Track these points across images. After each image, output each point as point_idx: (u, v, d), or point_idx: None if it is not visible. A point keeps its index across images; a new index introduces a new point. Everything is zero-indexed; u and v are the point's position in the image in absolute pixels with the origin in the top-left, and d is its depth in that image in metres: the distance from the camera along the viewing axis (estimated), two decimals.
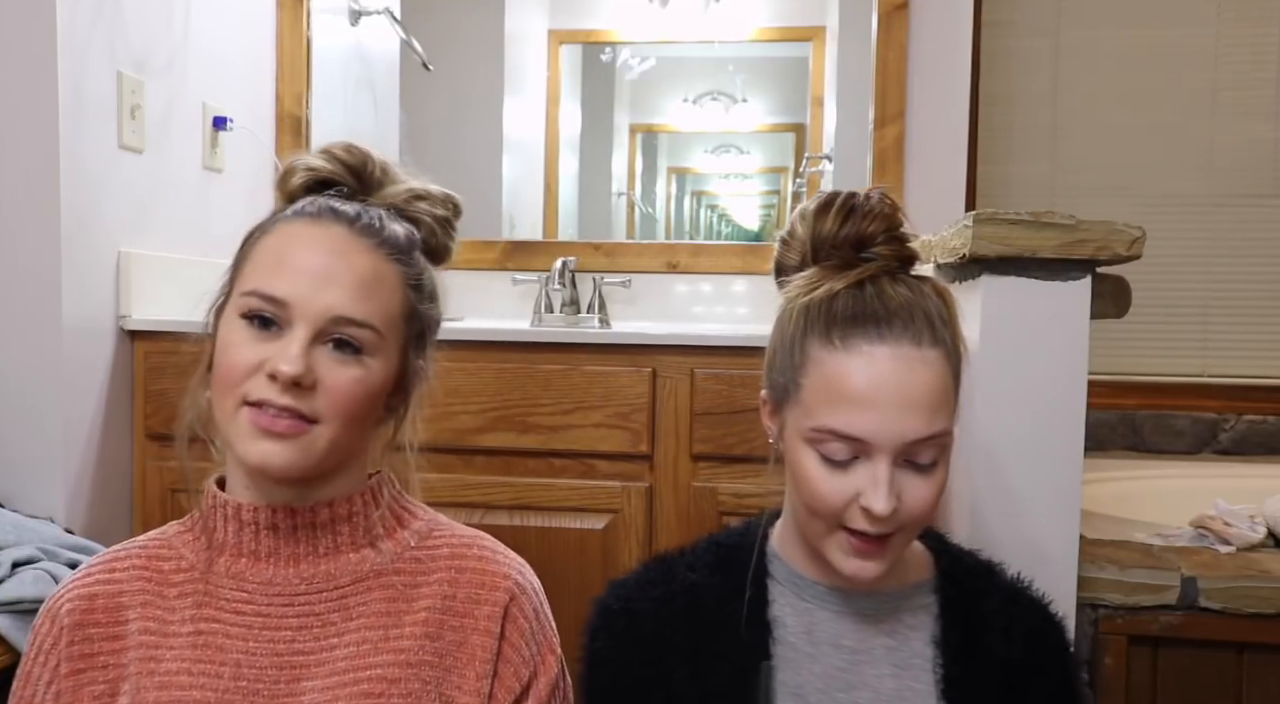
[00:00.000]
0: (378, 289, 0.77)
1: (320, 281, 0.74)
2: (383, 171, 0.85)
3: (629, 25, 2.20)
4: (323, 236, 0.77)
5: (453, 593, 0.81)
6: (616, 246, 2.12)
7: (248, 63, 2.04)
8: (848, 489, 0.78)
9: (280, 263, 0.76)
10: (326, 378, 0.74)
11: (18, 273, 1.51)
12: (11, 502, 1.51)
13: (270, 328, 0.75)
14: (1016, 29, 2.33)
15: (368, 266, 0.77)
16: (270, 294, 0.74)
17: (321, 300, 0.74)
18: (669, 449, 1.56)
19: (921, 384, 0.76)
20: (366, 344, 0.76)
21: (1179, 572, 1.37)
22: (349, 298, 0.75)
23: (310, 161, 0.84)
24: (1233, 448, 2.26)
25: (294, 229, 0.78)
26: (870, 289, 0.79)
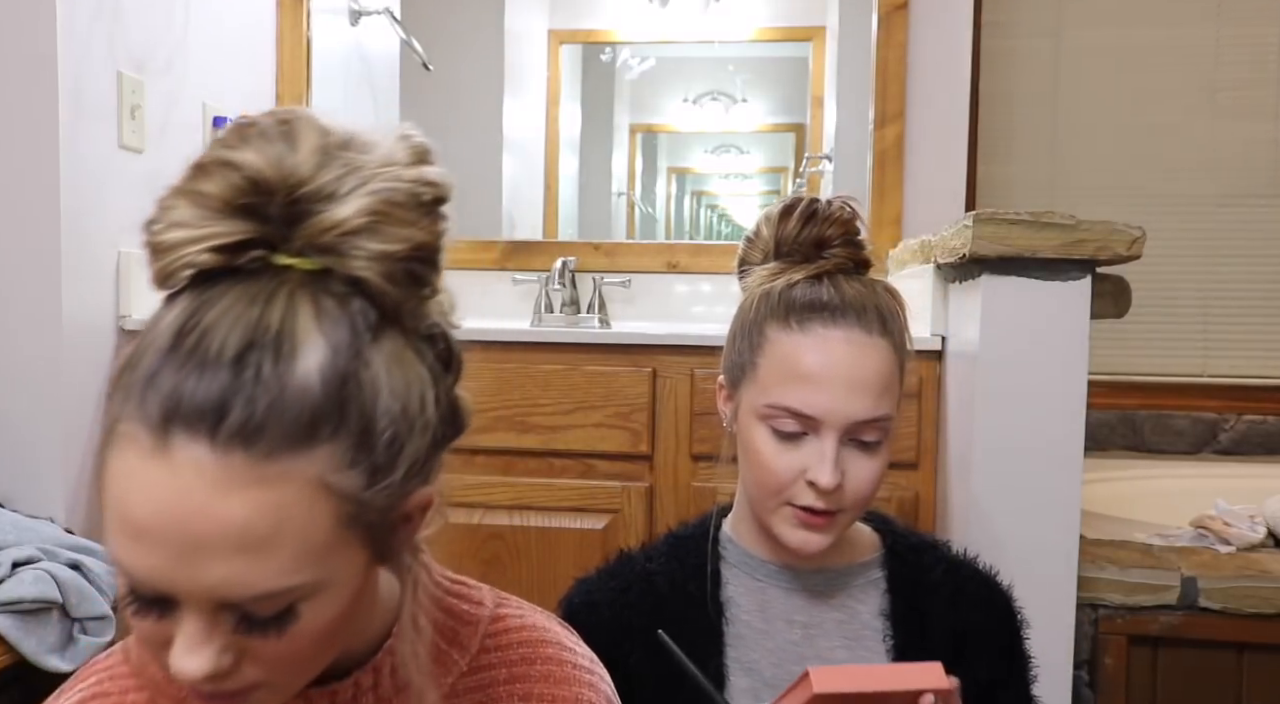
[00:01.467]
0: (270, 545, 0.47)
1: (185, 560, 0.46)
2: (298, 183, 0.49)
3: (629, 25, 2.20)
4: (163, 484, 0.46)
5: None
6: (616, 246, 2.12)
7: (248, 63, 2.04)
8: (796, 464, 0.82)
9: (125, 525, 0.47)
10: (259, 650, 0.50)
11: (18, 273, 1.51)
12: (11, 502, 1.51)
13: (159, 606, 0.49)
14: (1016, 29, 2.33)
15: (242, 515, 0.46)
16: (135, 577, 0.48)
17: (196, 586, 0.47)
18: (669, 449, 1.56)
19: (870, 368, 0.82)
20: (297, 604, 0.49)
21: (1179, 572, 1.37)
22: (239, 575, 0.47)
23: (192, 237, 0.49)
24: (1233, 448, 2.26)
25: (130, 462, 0.47)
26: (827, 282, 0.85)
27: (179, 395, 0.46)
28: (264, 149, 0.49)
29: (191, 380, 0.46)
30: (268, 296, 0.48)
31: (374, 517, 0.50)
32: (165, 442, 0.46)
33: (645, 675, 0.77)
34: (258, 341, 0.46)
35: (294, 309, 0.48)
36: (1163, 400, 2.30)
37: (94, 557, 1.41)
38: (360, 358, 0.49)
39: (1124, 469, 2.11)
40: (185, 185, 0.51)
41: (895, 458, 1.44)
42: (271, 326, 0.47)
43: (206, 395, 0.45)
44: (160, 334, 0.48)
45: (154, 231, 0.51)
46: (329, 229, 0.49)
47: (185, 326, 0.47)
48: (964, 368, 1.39)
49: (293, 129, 0.50)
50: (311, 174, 0.49)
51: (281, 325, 0.47)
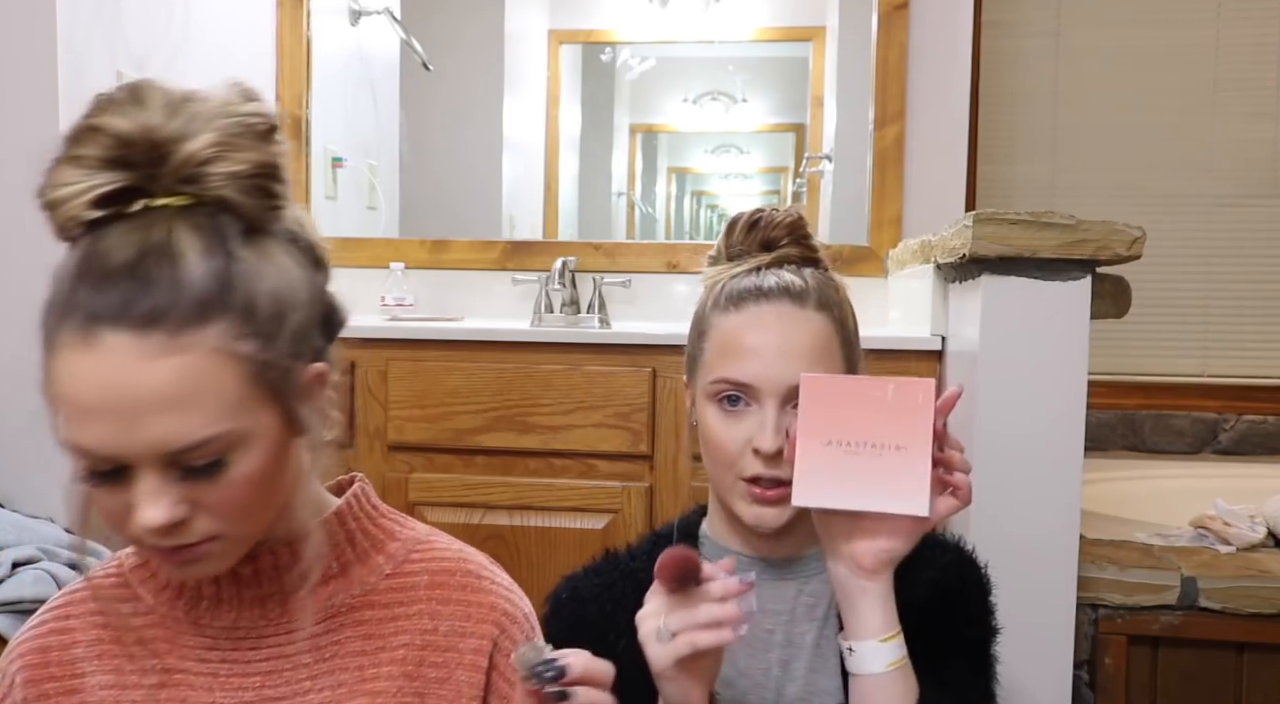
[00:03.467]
0: (192, 401, 0.59)
1: (127, 425, 0.59)
2: (153, 132, 0.61)
3: (629, 25, 2.20)
4: (99, 367, 0.59)
5: (434, 626, 0.74)
6: (616, 246, 2.12)
7: (248, 63, 2.04)
8: (741, 435, 0.86)
9: (75, 410, 0.61)
10: (205, 498, 0.62)
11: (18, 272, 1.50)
12: (11, 502, 1.51)
13: (115, 476, 0.62)
14: (1016, 29, 2.33)
15: (165, 380, 0.58)
16: (87, 448, 0.61)
17: (141, 445, 0.59)
18: (669, 449, 1.56)
19: (801, 335, 0.87)
20: (223, 457, 0.61)
21: (1179, 572, 1.37)
22: (172, 428, 0.59)
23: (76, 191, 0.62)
24: (1233, 448, 2.27)
25: (68, 360, 0.61)
26: (766, 271, 0.91)
27: (96, 301, 0.59)
28: (122, 112, 0.62)
29: (104, 287, 0.59)
30: (149, 225, 0.60)
31: (274, 376, 0.62)
32: (94, 336, 0.59)
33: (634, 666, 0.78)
34: (148, 253, 0.59)
35: (173, 228, 0.60)
36: (1163, 400, 2.31)
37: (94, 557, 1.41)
38: (232, 256, 0.61)
39: (1124, 469, 2.11)
40: (63, 154, 0.63)
41: None
42: (157, 241, 0.60)
43: (118, 296, 0.58)
44: (68, 266, 0.61)
45: (44, 194, 0.63)
46: (185, 163, 0.61)
47: (88, 255, 0.60)
48: (964, 368, 1.39)
49: (141, 93, 0.63)
50: (164, 123, 0.61)
51: (166, 238, 0.60)
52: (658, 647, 0.73)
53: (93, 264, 0.60)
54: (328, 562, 0.73)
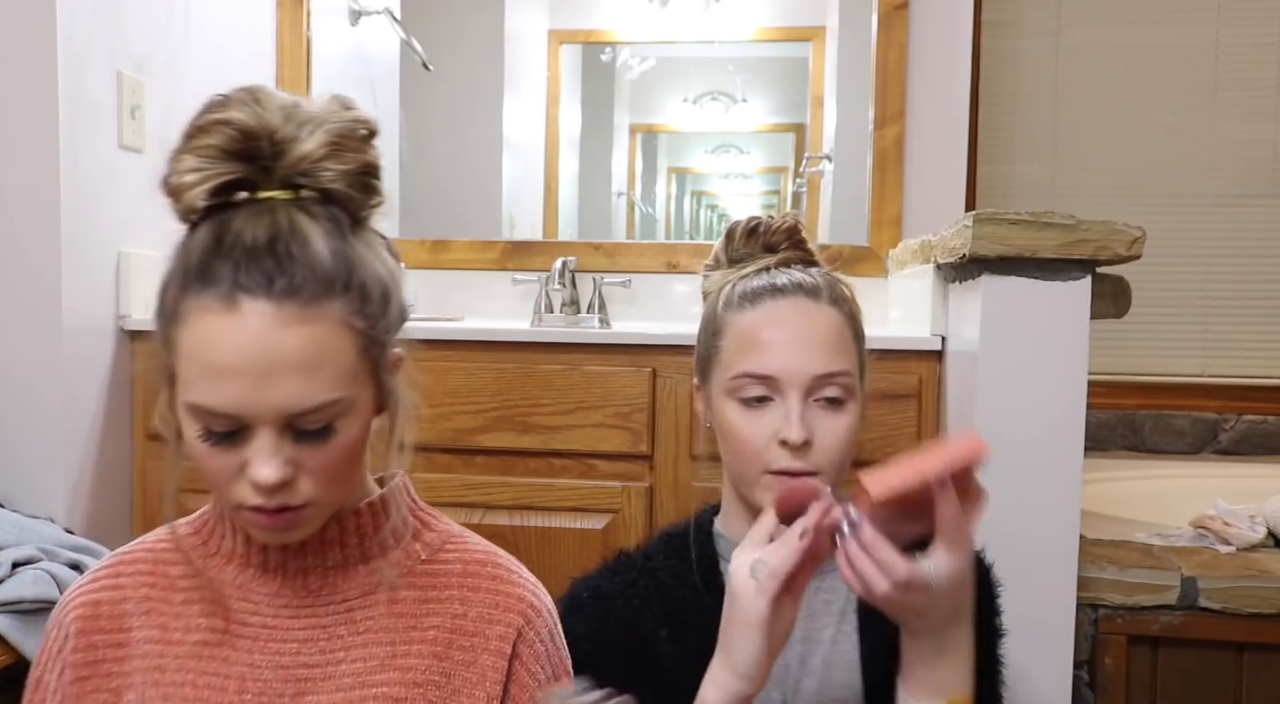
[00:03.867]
0: (317, 367, 0.66)
1: (259, 385, 0.65)
2: (273, 131, 0.68)
3: (629, 25, 2.20)
4: (240, 330, 0.65)
5: (464, 611, 0.78)
6: (616, 246, 2.12)
7: (248, 63, 2.04)
8: (766, 429, 0.87)
9: (207, 370, 0.66)
10: (310, 461, 0.69)
11: (18, 273, 1.51)
12: (11, 502, 1.51)
13: (231, 437, 0.67)
14: (1016, 29, 2.33)
15: (298, 345, 0.65)
16: (212, 409, 0.66)
17: (269, 404, 0.66)
18: (669, 449, 1.56)
19: (819, 326, 0.89)
20: (333, 422, 0.68)
21: (1179, 572, 1.37)
22: (300, 390, 0.66)
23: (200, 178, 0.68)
24: (1233, 448, 2.27)
25: (207, 324, 0.66)
26: (777, 271, 0.93)
27: (237, 274, 0.65)
28: (244, 110, 0.68)
29: (244, 262, 0.65)
30: (272, 211, 0.67)
31: (376, 353, 0.71)
32: (235, 304, 0.65)
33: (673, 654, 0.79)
34: (279, 234, 0.66)
35: (294, 215, 0.68)
36: (1163, 400, 2.31)
37: (94, 556, 1.41)
38: (347, 241, 0.69)
39: (1124, 469, 2.11)
40: (188, 143, 0.69)
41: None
42: (284, 224, 0.67)
43: (258, 270, 0.65)
44: (200, 243, 0.68)
45: (169, 180, 0.70)
46: (301, 159, 0.68)
47: (220, 234, 0.67)
48: (964, 368, 1.39)
49: (258, 95, 0.70)
50: (282, 124, 0.68)
51: (292, 223, 0.67)
52: (753, 591, 0.73)
53: (227, 241, 0.66)
54: (369, 543, 0.78)
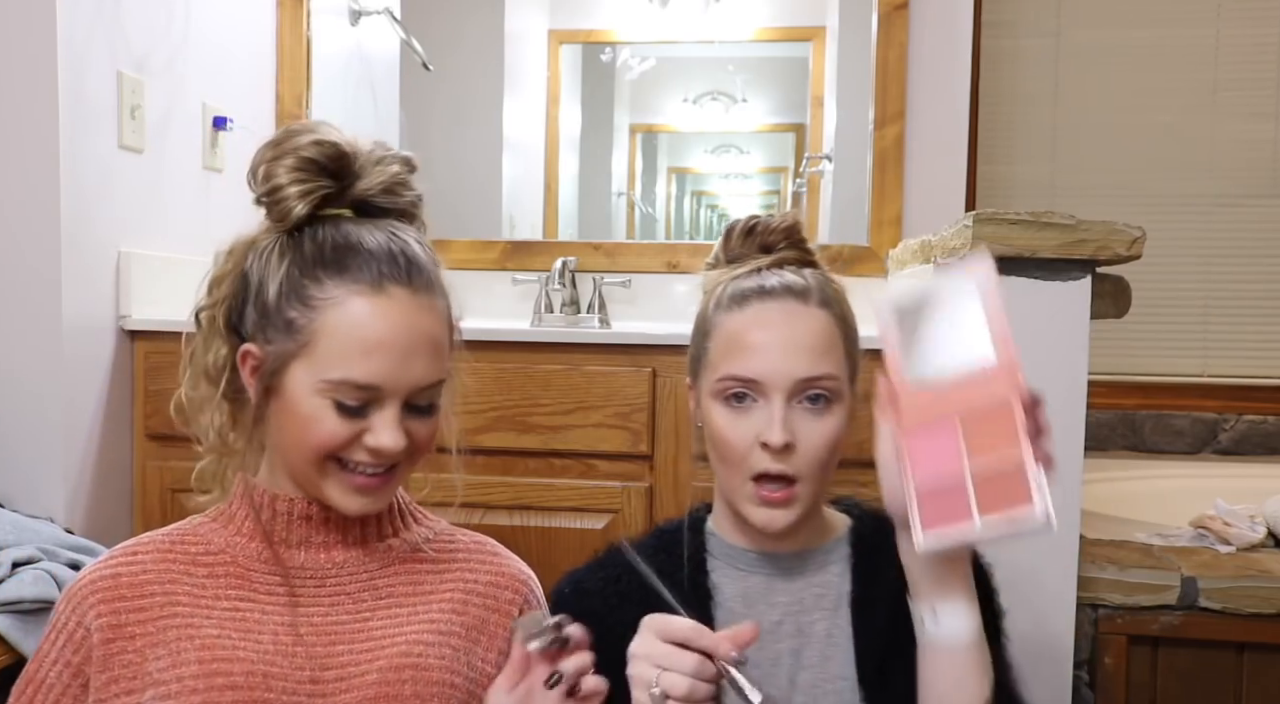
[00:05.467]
0: (437, 348, 0.81)
1: (402, 361, 0.78)
2: (351, 155, 0.83)
3: (629, 25, 2.20)
4: (390, 310, 0.78)
5: (474, 579, 0.89)
6: (616, 246, 2.12)
7: (248, 63, 2.04)
8: (749, 431, 0.87)
9: (360, 346, 0.77)
10: (414, 432, 0.82)
11: (18, 273, 1.50)
12: (11, 502, 1.51)
13: (359, 410, 0.79)
14: (1016, 29, 2.33)
15: (430, 327, 0.81)
16: (358, 382, 0.77)
17: (406, 379, 0.79)
18: (669, 449, 1.56)
19: (805, 330, 0.88)
20: (437, 399, 0.84)
21: (1179, 572, 1.37)
22: (429, 367, 0.80)
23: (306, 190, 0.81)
24: (1233, 448, 2.27)
25: (360, 306, 0.78)
26: (767, 272, 0.93)
27: (380, 267, 0.79)
28: (331, 133, 0.81)
29: (383, 258, 0.79)
30: (370, 222, 0.83)
31: (453, 342, 0.86)
32: (383, 290, 0.78)
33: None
34: (394, 240, 0.81)
35: (392, 226, 0.83)
36: (1163, 400, 2.31)
37: (94, 556, 1.41)
38: (433, 254, 0.85)
39: (1124, 469, 2.11)
40: (283, 157, 0.80)
41: None
42: (391, 232, 0.82)
43: (393, 262, 0.79)
44: (329, 243, 0.80)
45: (272, 191, 0.80)
46: (387, 185, 0.84)
47: (346, 237, 0.80)
48: None
49: (334, 129, 0.82)
50: (365, 152, 0.83)
51: (392, 231, 0.82)
52: (645, 700, 0.74)
53: (356, 242, 0.79)
54: (385, 523, 0.89)
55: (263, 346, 0.80)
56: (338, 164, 0.80)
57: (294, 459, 0.81)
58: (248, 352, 0.81)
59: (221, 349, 0.83)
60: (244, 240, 0.84)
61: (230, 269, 0.84)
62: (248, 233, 0.84)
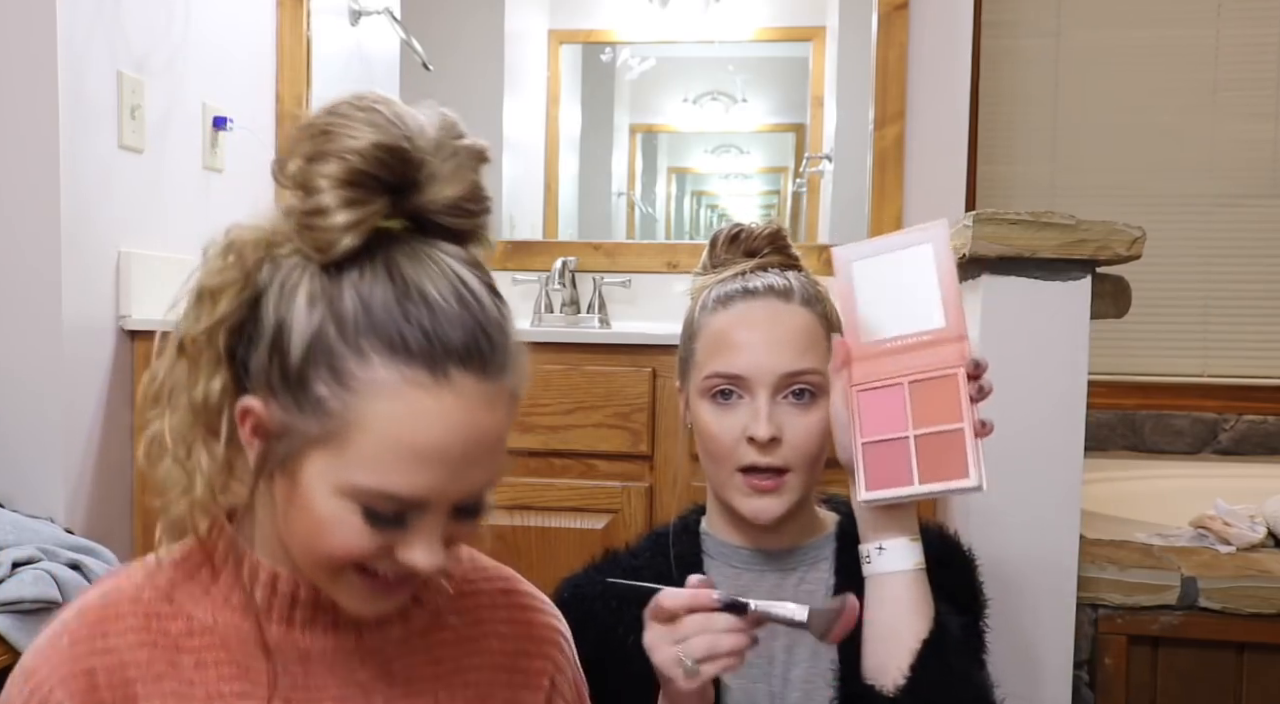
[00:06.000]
0: (502, 445, 0.62)
1: (459, 471, 0.59)
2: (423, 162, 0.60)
3: (629, 25, 2.20)
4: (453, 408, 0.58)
5: (500, 648, 0.74)
6: (616, 246, 2.12)
7: (248, 63, 2.04)
8: (735, 426, 0.89)
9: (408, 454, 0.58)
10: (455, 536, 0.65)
11: (18, 273, 1.50)
12: (11, 502, 1.51)
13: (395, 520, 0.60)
14: (1016, 29, 2.33)
15: (498, 424, 0.60)
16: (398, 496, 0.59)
17: (459, 490, 0.60)
18: (669, 449, 1.56)
19: (788, 326, 0.90)
20: (484, 499, 0.64)
21: (1179, 572, 1.37)
22: (489, 472, 0.61)
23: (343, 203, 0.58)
24: (1233, 448, 2.27)
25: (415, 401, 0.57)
26: (751, 275, 0.95)
27: (444, 343, 0.57)
28: (392, 131, 0.59)
29: (444, 327, 0.57)
30: (431, 258, 0.60)
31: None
32: (446, 379, 0.57)
33: (642, 661, 0.79)
34: (460, 293, 0.59)
35: (451, 263, 0.60)
36: (1163, 400, 2.31)
37: (94, 556, 1.41)
38: (499, 295, 0.63)
39: (1124, 469, 2.11)
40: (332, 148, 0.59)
41: None
42: (453, 276, 0.59)
43: (462, 336, 0.58)
44: (379, 298, 0.58)
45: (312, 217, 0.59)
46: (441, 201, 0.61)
47: (403, 290, 0.58)
48: None
49: (398, 112, 0.60)
50: (432, 153, 0.60)
51: (457, 275, 0.60)
52: (682, 676, 0.74)
53: (415, 299, 0.58)
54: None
55: (273, 410, 0.60)
56: (400, 171, 0.59)
57: (299, 553, 0.63)
58: (250, 410, 0.60)
59: (216, 381, 0.62)
60: (253, 239, 0.61)
61: (233, 279, 0.61)
62: (256, 226, 0.62)
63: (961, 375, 0.81)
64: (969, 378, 0.81)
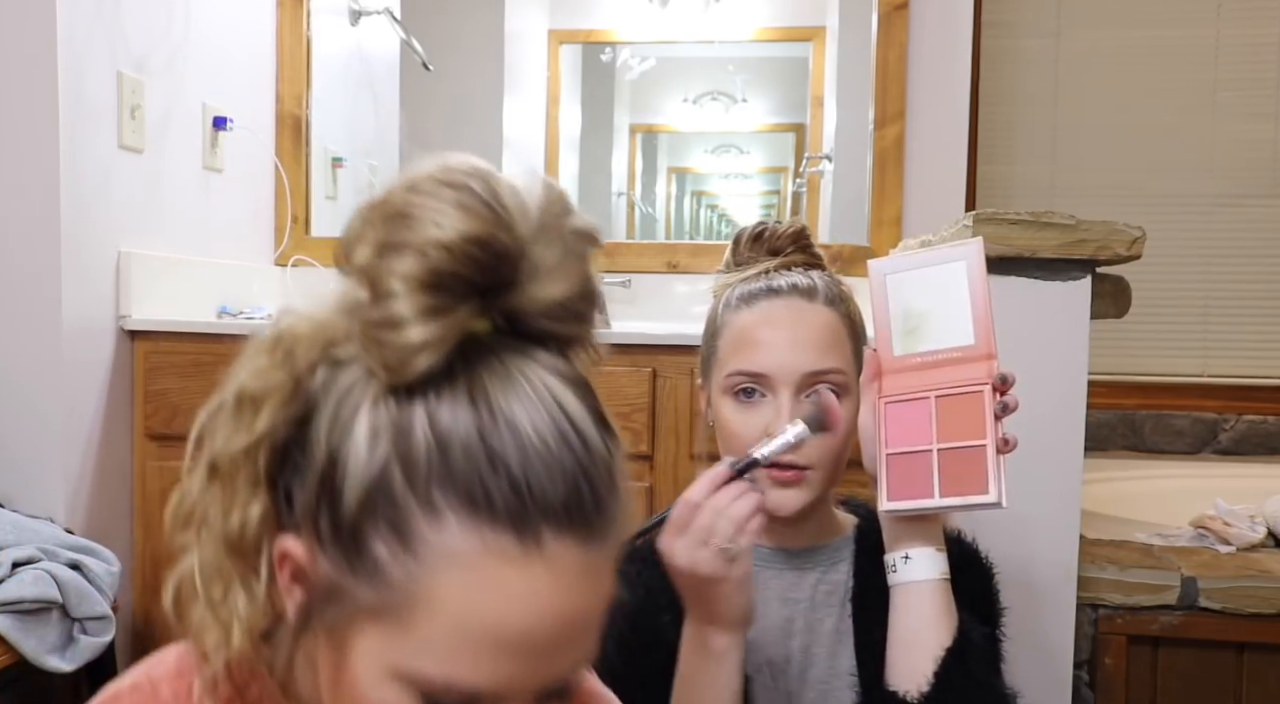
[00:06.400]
0: (597, 622, 0.48)
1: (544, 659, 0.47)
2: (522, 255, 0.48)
3: (629, 25, 2.20)
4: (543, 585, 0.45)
5: None
6: (616, 246, 2.12)
7: (248, 63, 2.04)
8: (758, 424, 0.89)
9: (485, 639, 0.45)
10: None
11: (18, 273, 1.51)
12: (11, 502, 1.51)
13: None
14: (1016, 29, 2.33)
15: (597, 598, 0.48)
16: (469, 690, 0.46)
17: (541, 680, 0.47)
18: (669, 449, 1.56)
19: (812, 325, 0.90)
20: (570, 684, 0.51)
21: (1179, 572, 1.37)
22: (579, 657, 0.49)
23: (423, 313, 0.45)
24: (1233, 448, 2.26)
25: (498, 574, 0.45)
26: (775, 274, 0.95)
27: (535, 495, 0.44)
28: (488, 219, 0.46)
29: (539, 476, 0.45)
30: (526, 379, 0.47)
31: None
32: (539, 546, 0.44)
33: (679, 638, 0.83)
34: (560, 426, 0.46)
35: (546, 380, 0.47)
36: (1163, 400, 2.30)
37: (94, 556, 1.41)
38: (608, 426, 0.49)
39: (1124, 469, 2.11)
40: (410, 239, 0.46)
41: None
42: (552, 403, 0.46)
43: (562, 488, 0.45)
44: (460, 436, 0.45)
45: (390, 312, 0.45)
46: (543, 302, 0.48)
47: (486, 423, 0.45)
48: None
49: (497, 192, 0.47)
50: (531, 241, 0.47)
51: (556, 400, 0.47)
52: (726, 564, 0.77)
53: (502, 440, 0.45)
54: None
55: (319, 563, 0.47)
56: (495, 269, 0.46)
57: None
58: (290, 555, 0.48)
59: (255, 508, 0.50)
60: (307, 334, 0.49)
61: (279, 384, 0.49)
62: (312, 317, 0.49)
63: (987, 392, 0.82)
64: (995, 392, 0.83)
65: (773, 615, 0.93)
